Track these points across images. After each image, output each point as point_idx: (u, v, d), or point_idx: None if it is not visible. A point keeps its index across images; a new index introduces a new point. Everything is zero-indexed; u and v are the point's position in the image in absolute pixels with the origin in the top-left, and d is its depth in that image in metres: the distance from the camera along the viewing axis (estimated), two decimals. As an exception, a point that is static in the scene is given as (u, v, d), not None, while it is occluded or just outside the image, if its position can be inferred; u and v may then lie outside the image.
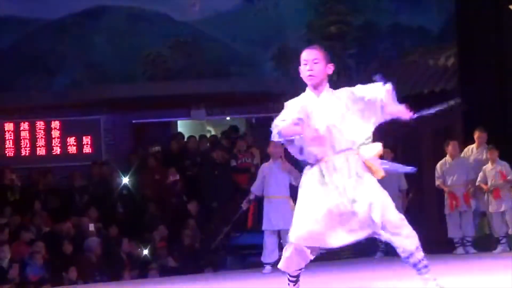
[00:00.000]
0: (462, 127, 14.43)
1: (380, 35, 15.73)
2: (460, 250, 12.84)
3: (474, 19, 13.98)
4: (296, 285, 6.17)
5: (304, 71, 5.92)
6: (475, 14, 13.79)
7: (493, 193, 12.73)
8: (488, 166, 12.87)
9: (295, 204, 6.19)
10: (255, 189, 12.05)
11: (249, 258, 13.45)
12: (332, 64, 5.93)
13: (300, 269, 6.09)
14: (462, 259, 11.95)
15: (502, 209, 12.65)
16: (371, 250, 13.22)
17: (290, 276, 6.14)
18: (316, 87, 5.94)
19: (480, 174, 12.82)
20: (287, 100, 6.00)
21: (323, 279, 9.26)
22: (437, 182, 13.28)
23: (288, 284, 6.17)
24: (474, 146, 13.28)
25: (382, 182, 5.98)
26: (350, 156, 5.83)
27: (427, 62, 15.63)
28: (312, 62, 5.89)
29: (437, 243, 13.61)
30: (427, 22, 15.80)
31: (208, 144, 16.68)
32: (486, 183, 12.76)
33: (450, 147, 13.27)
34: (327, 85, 6.00)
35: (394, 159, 14.12)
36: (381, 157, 5.94)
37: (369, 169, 5.86)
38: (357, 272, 10.59)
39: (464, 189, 13.02)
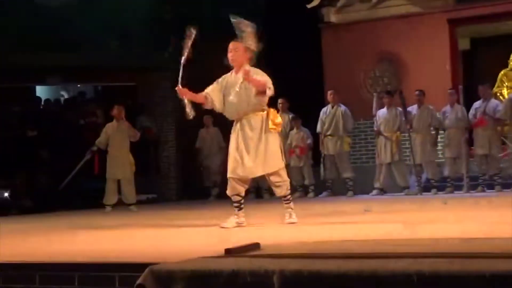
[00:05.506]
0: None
1: None
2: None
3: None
4: (240, 210, 7.42)
5: (228, 57, 7.32)
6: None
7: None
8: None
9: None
10: (99, 142, 13.22)
11: (95, 200, 13.81)
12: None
13: (240, 196, 7.43)
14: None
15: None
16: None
17: (234, 202, 7.46)
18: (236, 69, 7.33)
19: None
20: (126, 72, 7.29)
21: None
22: None
23: (234, 208, 7.45)
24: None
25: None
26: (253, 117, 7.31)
27: None
28: (234, 50, 7.27)
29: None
30: None
31: (61, 106, 17.59)
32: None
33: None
34: (245, 66, 7.23)
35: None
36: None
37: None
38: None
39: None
